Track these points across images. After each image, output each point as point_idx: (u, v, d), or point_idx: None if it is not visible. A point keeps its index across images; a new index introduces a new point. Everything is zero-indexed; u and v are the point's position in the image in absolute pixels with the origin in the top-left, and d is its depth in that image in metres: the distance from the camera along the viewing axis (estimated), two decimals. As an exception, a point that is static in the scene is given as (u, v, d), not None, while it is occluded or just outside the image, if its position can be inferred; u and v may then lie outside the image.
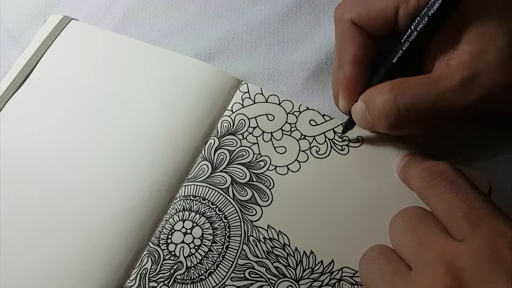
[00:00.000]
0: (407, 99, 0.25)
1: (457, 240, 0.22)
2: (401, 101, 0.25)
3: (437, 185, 0.24)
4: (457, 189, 0.23)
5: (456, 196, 0.23)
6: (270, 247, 0.28)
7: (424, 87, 0.25)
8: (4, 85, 0.32)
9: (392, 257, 0.23)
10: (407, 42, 0.25)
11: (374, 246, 0.25)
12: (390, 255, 0.24)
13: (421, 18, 0.25)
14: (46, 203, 0.29)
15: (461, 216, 0.22)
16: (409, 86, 0.25)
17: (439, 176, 0.24)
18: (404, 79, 0.25)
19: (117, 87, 0.32)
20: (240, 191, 0.29)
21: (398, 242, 0.24)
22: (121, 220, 0.28)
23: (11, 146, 0.31)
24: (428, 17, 0.24)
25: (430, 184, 0.24)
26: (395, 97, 0.25)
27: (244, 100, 0.31)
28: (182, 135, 0.30)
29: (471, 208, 0.22)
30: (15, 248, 0.28)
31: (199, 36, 0.35)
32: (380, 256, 0.24)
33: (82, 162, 0.30)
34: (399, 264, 0.23)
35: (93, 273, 0.27)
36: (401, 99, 0.25)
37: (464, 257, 0.20)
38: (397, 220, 0.24)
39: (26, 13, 0.37)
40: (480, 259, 0.20)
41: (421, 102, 0.24)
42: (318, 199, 0.28)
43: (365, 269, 0.24)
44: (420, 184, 0.25)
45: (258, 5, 0.36)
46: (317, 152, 0.30)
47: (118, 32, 0.35)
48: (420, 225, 0.23)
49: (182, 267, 0.27)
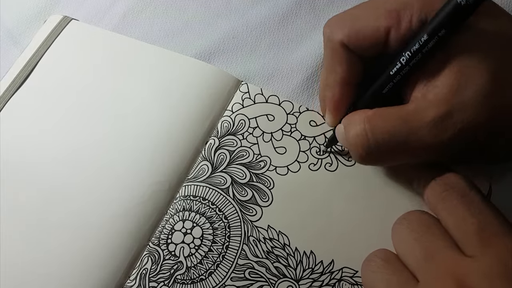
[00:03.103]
0: (378, 134, 0.24)
1: (466, 256, 0.21)
2: (371, 135, 0.24)
3: (448, 198, 0.23)
4: (469, 203, 0.22)
5: (468, 210, 0.22)
6: (270, 247, 0.28)
7: (397, 121, 0.24)
8: (4, 85, 0.32)
9: (398, 267, 0.23)
10: (398, 75, 0.24)
11: (378, 252, 0.24)
12: (396, 264, 0.23)
13: (415, 53, 0.24)
14: (46, 203, 0.29)
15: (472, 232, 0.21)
16: (382, 120, 0.24)
17: (450, 188, 0.23)
18: (378, 111, 0.25)
19: (117, 87, 0.32)
20: (240, 191, 0.29)
21: (403, 250, 0.23)
22: (121, 220, 0.28)
23: (11, 146, 0.31)
24: (421, 54, 0.23)
25: (442, 196, 0.23)
26: (366, 131, 0.24)
27: (244, 100, 0.31)
28: (182, 135, 0.30)
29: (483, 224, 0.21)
30: (15, 248, 0.28)
31: (199, 36, 0.35)
32: (386, 264, 0.23)
33: (82, 162, 0.30)
34: (405, 275, 0.22)
35: (93, 273, 0.27)
36: (372, 134, 0.24)
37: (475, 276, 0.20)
38: (401, 227, 0.24)
39: (26, 13, 0.37)
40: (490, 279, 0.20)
41: (392, 137, 0.24)
42: (318, 199, 0.28)
43: (370, 276, 0.24)
44: (432, 195, 0.24)
45: (258, 5, 0.36)
46: (317, 152, 0.30)
47: (118, 32, 0.35)
48: (426, 234, 0.23)
49: (182, 267, 0.27)
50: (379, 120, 0.24)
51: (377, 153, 0.24)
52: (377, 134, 0.24)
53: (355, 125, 0.25)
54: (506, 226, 0.21)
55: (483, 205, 0.22)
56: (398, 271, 0.23)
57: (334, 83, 0.27)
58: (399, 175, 0.28)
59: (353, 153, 0.26)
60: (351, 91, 0.27)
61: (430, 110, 0.23)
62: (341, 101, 0.27)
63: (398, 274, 0.22)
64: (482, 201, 0.22)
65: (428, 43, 0.23)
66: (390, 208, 0.27)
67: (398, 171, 0.28)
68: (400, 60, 0.24)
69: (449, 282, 0.20)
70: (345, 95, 0.27)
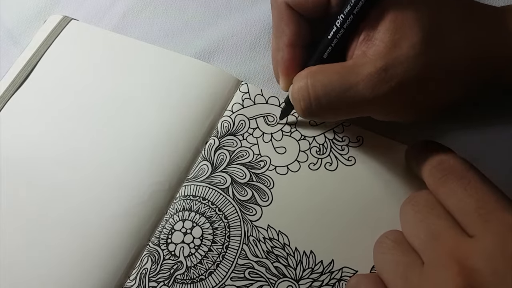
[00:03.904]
0: (318, 88, 0.25)
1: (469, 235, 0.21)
2: (312, 89, 0.25)
3: (447, 182, 0.23)
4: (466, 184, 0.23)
5: (465, 191, 0.22)
6: (270, 247, 0.28)
7: (338, 76, 0.25)
8: (4, 85, 0.32)
9: (406, 248, 0.23)
10: (335, 38, 0.26)
11: (389, 233, 0.25)
12: (404, 245, 0.23)
13: (346, 15, 0.25)
14: (46, 203, 0.29)
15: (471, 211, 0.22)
16: (323, 75, 0.25)
17: (449, 172, 0.24)
18: (321, 67, 0.26)
19: (117, 87, 0.32)
20: (240, 191, 0.29)
21: (409, 232, 0.24)
22: (121, 220, 0.28)
23: (11, 145, 0.31)
24: (353, 15, 0.25)
25: (441, 181, 0.24)
26: (307, 85, 0.25)
27: (244, 100, 0.31)
28: (182, 135, 0.30)
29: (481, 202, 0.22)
30: (15, 248, 0.28)
31: (199, 36, 0.35)
32: (395, 245, 0.24)
33: (82, 162, 0.30)
34: (412, 256, 0.23)
35: (93, 272, 0.27)
36: (313, 88, 0.25)
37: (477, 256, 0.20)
38: (407, 208, 0.24)
39: (26, 13, 0.37)
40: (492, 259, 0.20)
41: (332, 91, 0.25)
42: (318, 199, 0.28)
43: (380, 258, 0.24)
44: (432, 181, 0.24)
45: (258, 4, 0.36)
46: (317, 152, 0.30)
47: (118, 32, 0.35)
48: (430, 215, 0.23)
49: (182, 267, 0.27)
50: (320, 75, 0.25)
51: (318, 107, 0.26)
52: (317, 87, 0.25)
53: (299, 80, 0.26)
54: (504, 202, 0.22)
55: (480, 184, 0.22)
56: (405, 253, 0.23)
57: (283, 45, 0.28)
58: (399, 175, 0.28)
59: (296, 108, 0.27)
60: (300, 53, 0.28)
61: (367, 66, 0.24)
62: (291, 63, 0.28)
63: (406, 255, 0.23)
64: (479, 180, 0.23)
65: (358, 3, 0.24)
66: (390, 208, 0.27)
67: (398, 171, 0.28)
68: (335, 23, 0.25)
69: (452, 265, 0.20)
70: (295, 57, 0.28)
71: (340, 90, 0.25)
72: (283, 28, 0.28)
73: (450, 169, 0.24)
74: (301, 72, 0.27)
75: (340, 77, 0.25)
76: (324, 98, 0.25)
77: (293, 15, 0.27)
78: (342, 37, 0.26)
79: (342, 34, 0.26)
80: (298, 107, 0.26)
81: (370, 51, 0.25)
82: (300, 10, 0.27)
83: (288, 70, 0.28)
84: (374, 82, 0.24)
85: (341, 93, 0.25)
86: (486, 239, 0.21)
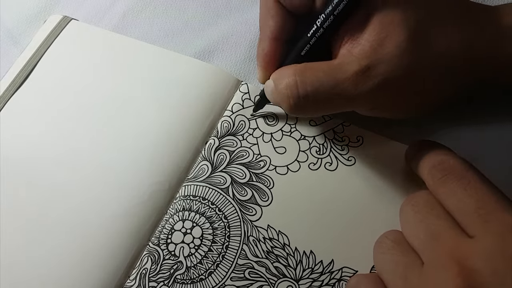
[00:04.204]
0: (307, 85, 0.26)
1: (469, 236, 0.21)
2: (301, 86, 0.26)
3: (447, 182, 0.23)
4: (466, 184, 0.23)
5: (464, 191, 0.22)
6: (270, 247, 0.28)
7: (324, 74, 0.25)
8: (4, 85, 0.32)
9: (405, 248, 0.23)
10: (314, 37, 0.26)
11: (389, 233, 0.25)
12: (404, 246, 0.23)
13: (327, 15, 0.25)
14: (46, 203, 0.29)
15: (471, 211, 0.22)
16: (311, 73, 0.26)
17: (449, 172, 0.24)
18: (307, 65, 0.26)
19: (117, 87, 0.32)
20: (240, 191, 0.29)
21: (409, 232, 0.24)
22: (121, 220, 0.28)
23: (11, 146, 0.31)
24: (333, 16, 0.25)
25: (441, 181, 0.24)
26: (296, 83, 0.26)
27: (244, 101, 0.31)
28: (182, 135, 0.30)
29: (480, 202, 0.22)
30: (15, 248, 0.28)
31: (199, 36, 0.35)
32: (394, 245, 0.24)
33: (82, 162, 0.30)
34: (412, 256, 0.23)
35: (93, 273, 0.27)
36: (302, 85, 0.26)
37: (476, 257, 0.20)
38: (407, 208, 0.24)
39: (26, 13, 0.37)
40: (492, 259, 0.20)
41: (319, 89, 0.25)
42: (318, 198, 0.28)
43: (380, 258, 0.24)
44: (432, 182, 0.24)
45: (258, 4, 0.36)
46: (317, 152, 0.30)
47: (118, 32, 0.35)
48: (430, 215, 0.23)
49: (182, 267, 0.27)
50: (308, 73, 0.26)
51: (306, 103, 0.26)
52: (306, 85, 0.26)
53: (286, 77, 0.26)
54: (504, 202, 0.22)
55: (479, 184, 0.22)
56: (405, 253, 0.23)
57: (265, 37, 0.28)
58: (399, 175, 0.28)
59: (284, 104, 0.27)
60: (281, 47, 0.28)
61: (353, 64, 0.25)
62: (271, 56, 0.28)
63: (405, 255, 0.23)
64: (479, 180, 0.23)
65: (339, 4, 0.25)
66: (390, 208, 0.27)
67: (398, 171, 0.28)
68: (316, 22, 0.26)
69: (452, 266, 0.20)
70: (276, 50, 0.28)
71: (328, 87, 0.25)
72: (268, 20, 0.28)
73: (450, 169, 0.24)
74: (284, 69, 0.27)
75: (327, 75, 0.25)
76: (312, 95, 0.26)
77: (279, 9, 0.28)
78: (321, 36, 0.26)
79: (321, 33, 0.26)
80: (286, 103, 0.27)
81: (356, 50, 0.25)
82: (287, 5, 0.28)
83: (267, 63, 0.29)
84: (359, 80, 0.25)
85: (328, 90, 0.25)
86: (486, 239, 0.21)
